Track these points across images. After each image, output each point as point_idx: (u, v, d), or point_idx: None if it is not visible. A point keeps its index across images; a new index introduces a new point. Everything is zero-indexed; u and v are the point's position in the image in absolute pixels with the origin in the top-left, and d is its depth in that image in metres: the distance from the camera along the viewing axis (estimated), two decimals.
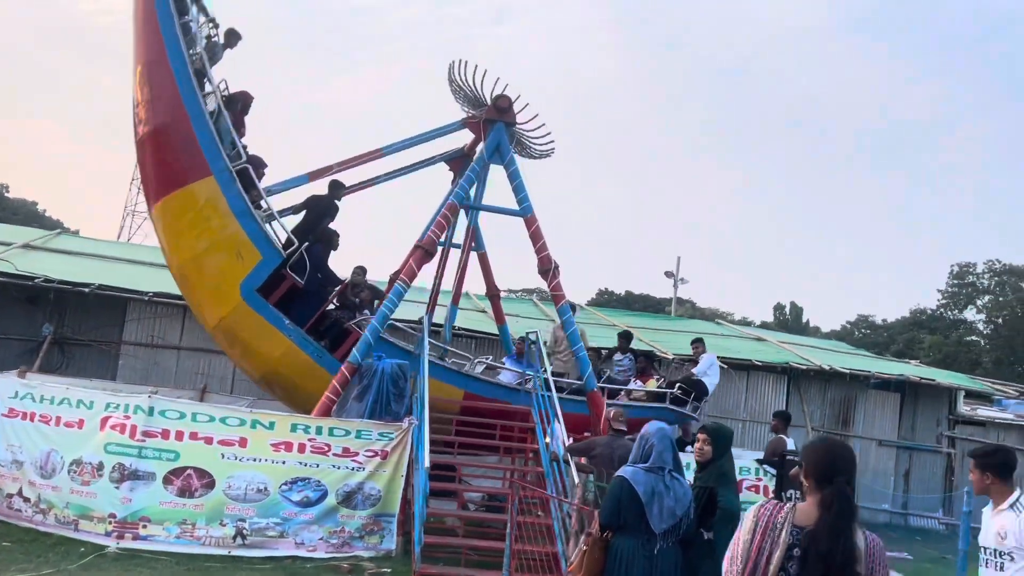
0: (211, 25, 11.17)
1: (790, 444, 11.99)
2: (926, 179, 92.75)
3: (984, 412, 18.62)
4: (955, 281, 51.30)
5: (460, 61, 11.39)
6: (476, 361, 12.91)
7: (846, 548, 3.04)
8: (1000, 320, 47.42)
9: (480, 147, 11.65)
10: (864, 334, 56.62)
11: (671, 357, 15.39)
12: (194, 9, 10.48)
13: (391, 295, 10.70)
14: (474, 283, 14.83)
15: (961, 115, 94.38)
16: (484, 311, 15.15)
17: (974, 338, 49.67)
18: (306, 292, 10.75)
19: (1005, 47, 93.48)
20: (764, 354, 17.59)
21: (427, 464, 8.73)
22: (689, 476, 5.97)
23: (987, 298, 49.50)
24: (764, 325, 56.09)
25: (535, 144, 12.14)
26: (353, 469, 9.76)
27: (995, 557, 4.43)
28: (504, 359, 13.32)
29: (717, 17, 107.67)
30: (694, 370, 12.55)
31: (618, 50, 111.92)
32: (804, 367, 17.01)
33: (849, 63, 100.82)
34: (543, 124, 11.78)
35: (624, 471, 5.44)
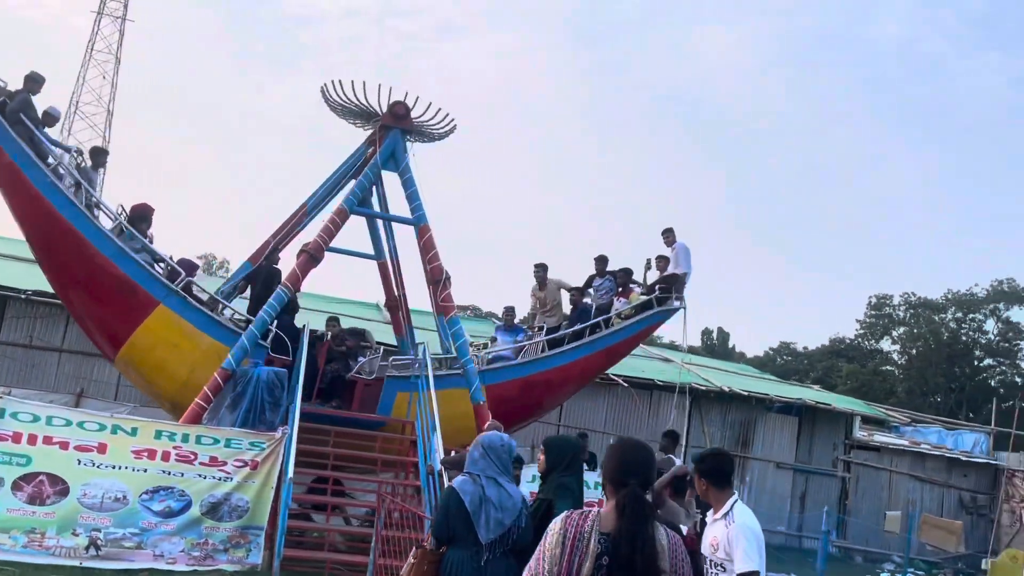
0: (75, 154, 10.93)
1: (678, 463, 12.21)
2: (851, 212, 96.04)
3: (880, 438, 19.11)
4: (873, 312, 52.96)
5: (333, 82, 11.30)
6: (485, 353, 12.43)
7: (645, 552, 2.95)
8: (914, 351, 48.99)
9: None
10: (786, 361, 58.01)
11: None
12: (55, 149, 10.13)
13: (272, 300, 10.41)
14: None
15: (884, 153, 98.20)
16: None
17: (889, 368, 51.22)
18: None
19: (927, 89, 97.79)
20: (668, 375, 17.73)
21: (291, 475, 8.46)
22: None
23: (902, 329, 51.13)
24: (691, 349, 56.89)
25: (436, 130, 11.99)
26: (220, 479, 9.41)
27: (711, 568, 4.35)
28: (495, 333, 13.18)
29: (658, 48, 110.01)
30: (670, 259, 12.51)
31: (560, 72, 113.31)
32: (705, 388, 17.20)
33: (779, 98, 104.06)
34: (439, 109, 11.62)
35: (455, 481, 5.33)
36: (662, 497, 7.46)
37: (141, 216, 10.62)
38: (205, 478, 9.35)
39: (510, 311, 13.00)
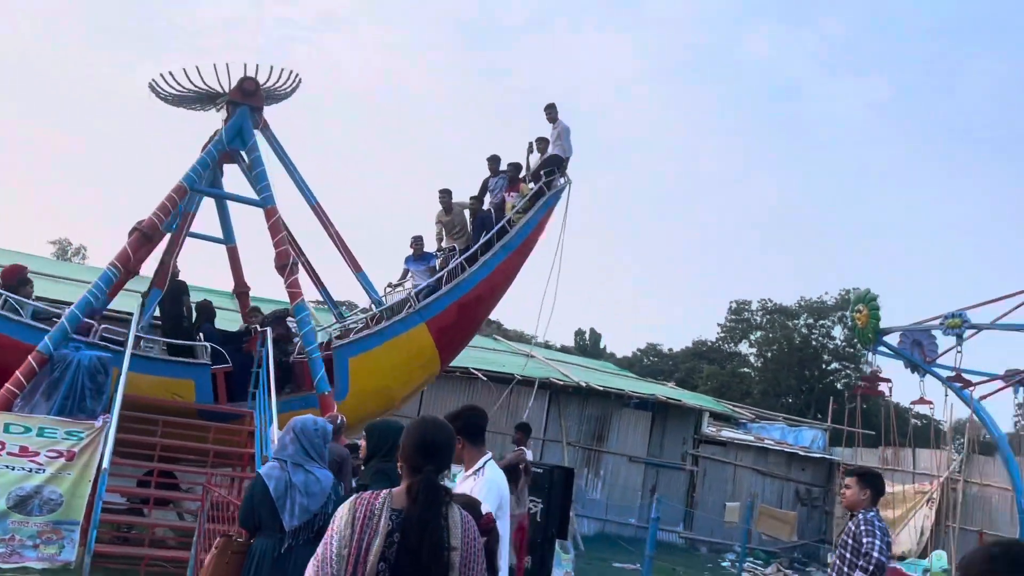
0: None
1: (529, 455, 12.38)
2: (717, 221, 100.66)
3: (727, 433, 19.98)
4: (733, 317, 55.59)
5: (164, 74, 10.85)
6: (413, 291, 12.05)
7: (433, 540, 2.88)
8: (769, 354, 51.63)
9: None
10: (652, 361, 60.09)
11: None
12: None
13: (98, 281, 9.75)
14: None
15: (749, 166, 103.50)
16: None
17: (747, 370, 53.83)
18: (238, 367, 10.64)
19: (790, 108, 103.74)
20: (528, 370, 17.91)
21: (106, 465, 7.92)
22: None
23: (759, 334, 53.83)
24: (564, 349, 58.09)
25: (283, 91, 11.62)
26: (31, 471, 8.68)
27: None
28: (405, 264, 12.87)
29: (539, 56, 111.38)
30: (550, 139, 12.61)
31: (445, 71, 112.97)
32: (562, 383, 17.46)
33: (655, 109, 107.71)
34: (283, 70, 11.25)
35: (262, 467, 5.14)
36: None
37: (22, 280, 10.07)
38: (13, 469, 8.60)
39: (418, 240, 12.77)
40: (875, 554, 5.89)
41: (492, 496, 4.03)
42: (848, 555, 6.12)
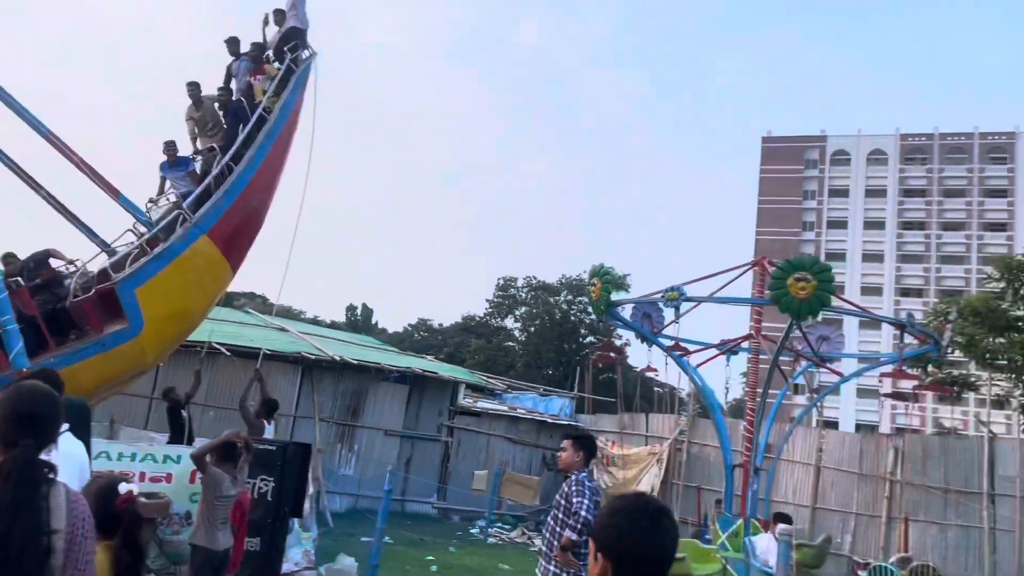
0: None
1: (269, 432, 11.88)
2: (488, 199, 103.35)
3: (482, 404, 20.50)
4: (500, 293, 57.52)
5: None
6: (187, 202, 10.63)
7: (28, 524, 2.57)
8: (532, 329, 54.00)
9: None
10: (423, 336, 60.70)
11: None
12: None
13: None
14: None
15: (518, 148, 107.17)
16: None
17: (511, 343, 55.94)
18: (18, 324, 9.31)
19: (557, 96, 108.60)
20: (279, 344, 17.19)
21: None
22: None
23: (524, 309, 56.12)
24: (334, 324, 56.87)
25: None
26: None
27: None
28: (161, 171, 11.50)
29: (320, 26, 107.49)
30: (286, 12, 12.07)
31: (206, 27, 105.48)
32: (316, 357, 16.96)
33: (429, 89, 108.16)
34: None
35: None
36: (203, 462, 6.99)
37: None
38: None
39: (170, 145, 11.49)
40: (583, 513, 6.16)
41: (72, 470, 3.69)
42: (560, 515, 6.36)
